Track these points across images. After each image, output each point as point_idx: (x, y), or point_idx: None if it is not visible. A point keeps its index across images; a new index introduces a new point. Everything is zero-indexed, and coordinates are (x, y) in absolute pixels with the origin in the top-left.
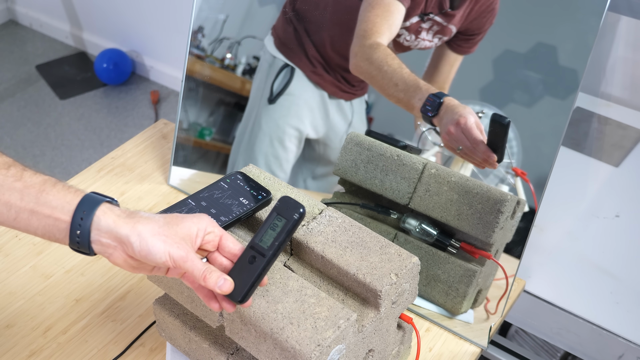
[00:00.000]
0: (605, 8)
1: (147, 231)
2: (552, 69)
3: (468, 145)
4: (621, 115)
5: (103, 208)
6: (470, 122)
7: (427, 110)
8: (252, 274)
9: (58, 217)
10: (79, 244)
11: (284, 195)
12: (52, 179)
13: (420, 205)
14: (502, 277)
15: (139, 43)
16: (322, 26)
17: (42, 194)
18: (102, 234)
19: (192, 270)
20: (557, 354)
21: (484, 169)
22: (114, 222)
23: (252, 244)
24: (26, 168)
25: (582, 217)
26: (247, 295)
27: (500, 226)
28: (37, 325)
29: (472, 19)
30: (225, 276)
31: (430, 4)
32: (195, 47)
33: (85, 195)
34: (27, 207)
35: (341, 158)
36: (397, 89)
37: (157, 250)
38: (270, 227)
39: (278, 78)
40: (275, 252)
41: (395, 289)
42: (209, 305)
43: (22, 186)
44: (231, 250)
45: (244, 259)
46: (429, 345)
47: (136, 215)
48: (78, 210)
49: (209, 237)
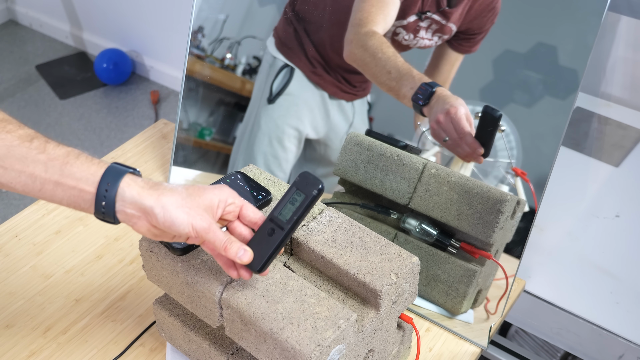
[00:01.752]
0: (605, 8)
1: (170, 203)
2: (552, 69)
3: (455, 136)
4: (621, 115)
5: (127, 180)
6: (460, 113)
7: (418, 99)
8: (270, 246)
9: (83, 189)
10: (104, 214)
11: (304, 170)
12: (75, 151)
13: (420, 205)
14: (502, 277)
15: (139, 43)
16: (322, 26)
17: (66, 166)
18: (127, 204)
19: (213, 241)
20: (557, 354)
21: (484, 170)
22: (138, 193)
23: (272, 217)
24: (49, 140)
25: (582, 217)
26: (265, 265)
27: (500, 226)
28: (37, 325)
29: (473, 18)
30: (245, 247)
31: (427, 2)
32: (195, 47)
33: (109, 167)
34: (52, 178)
35: (341, 158)
36: (389, 77)
37: (181, 222)
38: (290, 202)
39: (277, 78)
40: (293, 226)
41: (395, 289)
42: (228, 272)
43: (46, 158)
44: (251, 219)
45: (264, 231)
46: (429, 345)
47: (160, 187)
48: (102, 181)
49: (229, 207)
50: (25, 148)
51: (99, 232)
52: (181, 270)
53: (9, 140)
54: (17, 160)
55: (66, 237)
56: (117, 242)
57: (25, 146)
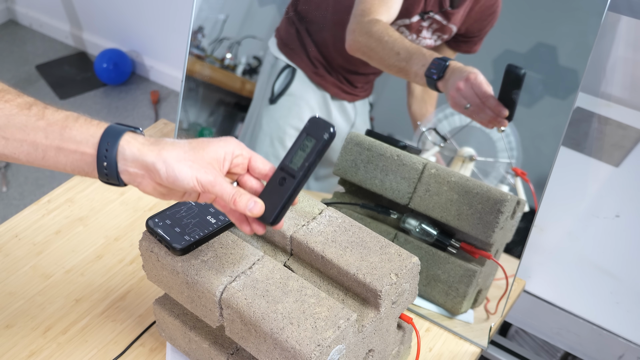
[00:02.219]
0: (605, 8)
1: (172, 157)
2: (552, 69)
3: (477, 101)
4: (621, 115)
5: (127, 137)
6: (480, 77)
7: (432, 74)
8: (282, 196)
9: (84, 151)
10: (107, 175)
11: (313, 115)
12: (74, 114)
13: (420, 205)
14: (502, 277)
15: (139, 43)
16: (324, 27)
17: (65, 130)
18: (129, 163)
19: (221, 194)
20: (557, 354)
21: (484, 170)
22: (138, 150)
23: (282, 166)
24: (47, 106)
25: (582, 217)
26: (278, 216)
27: (500, 226)
28: (37, 326)
29: (473, 20)
30: (256, 198)
31: (430, 2)
32: (195, 47)
33: (108, 127)
34: (53, 144)
35: (341, 158)
36: (398, 57)
37: (185, 176)
38: (300, 148)
39: (279, 79)
40: (306, 173)
41: (395, 289)
42: (241, 228)
43: (45, 124)
44: (261, 171)
45: (274, 181)
46: (429, 345)
47: (161, 142)
48: (102, 141)
49: (237, 160)
50: (25, 116)
51: (99, 232)
52: (181, 270)
53: (8, 109)
54: (18, 130)
55: (66, 237)
56: (117, 242)
57: (24, 114)
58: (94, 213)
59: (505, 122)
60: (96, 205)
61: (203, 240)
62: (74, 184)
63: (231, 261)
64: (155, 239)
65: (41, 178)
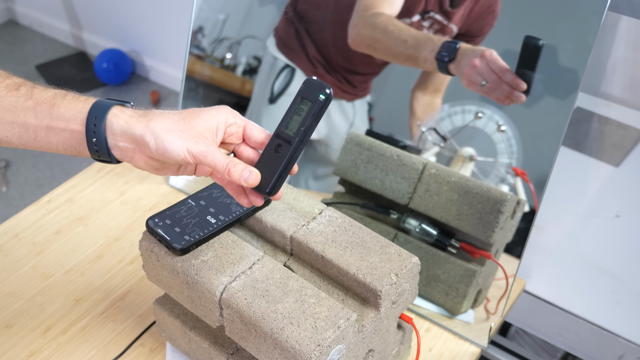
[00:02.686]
0: (605, 8)
1: (161, 128)
2: (552, 69)
3: (494, 77)
4: (621, 115)
5: (114, 111)
6: (495, 54)
7: (443, 56)
8: (278, 163)
9: (73, 129)
10: (98, 152)
11: (308, 77)
12: (62, 91)
13: (420, 205)
14: (502, 277)
15: (139, 43)
16: (324, 26)
17: (53, 108)
18: (118, 137)
19: (214, 165)
20: (557, 354)
21: (484, 170)
22: (126, 123)
23: (278, 132)
24: (36, 85)
25: (582, 217)
26: (275, 186)
27: (500, 226)
28: (37, 326)
29: (473, 20)
30: (251, 168)
31: (431, 2)
32: (195, 47)
33: (96, 102)
34: (43, 124)
35: (341, 158)
36: (406, 45)
37: (174, 147)
38: (296, 113)
39: (279, 78)
40: (302, 139)
41: (395, 289)
42: (238, 200)
43: (34, 104)
44: (257, 140)
45: (270, 149)
46: (429, 345)
47: (149, 114)
48: (90, 117)
49: (231, 129)
50: (13, 97)
51: (99, 232)
52: (181, 270)
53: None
54: (8, 111)
55: (66, 237)
56: (117, 242)
57: (12, 95)
58: (94, 213)
59: (523, 97)
60: (96, 205)
61: (203, 240)
62: (74, 184)
63: (231, 261)
64: (155, 239)
65: (41, 178)
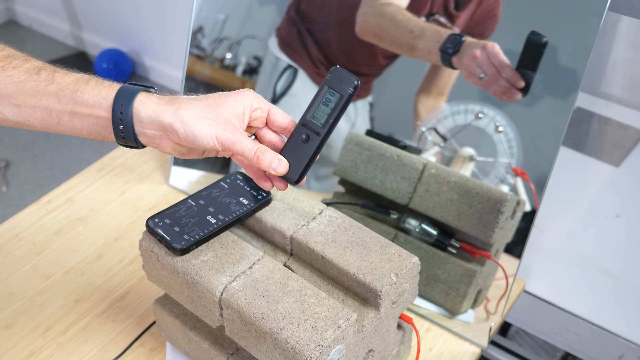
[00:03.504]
0: (605, 8)
1: (190, 116)
2: (552, 69)
3: (493, 70)
4: (621, 115)
5: (140, 98)
6: (497, 47)
7: (447, 48)
8: (307, 154)
9: (98, 115)
10: (124, 138)
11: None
12: (84, 76)
13: (420, 205)
14: (502, 277)
15: (139, 43)
16: (328, 26)
17: (77, 94)
18: (145, 125)
19: (241, 152)
20: (557, 354)
21: (484, 170)
22: (154, 111)
23: (304, 122)
24: (57, 69)
25: (582, 217)
26: (302, 175)
27: (500, 226)
28: (37, 326)
29: (475, 24)
30: (280, 156)
31: (436, 4)
32: (195, 47)
33: (121, 88)
34: (67, 109)
35: (341, 158)
36: (412, 35)
37: (204, 135)
38: (323, 103)
39: (281, 79)
40: (330, 130)
41: (395, 289)
42: (259, 184)
43: (56, 89)
44: (280, 124)
45: (297, 138)
46: (429, 345)
47: (177, 101)
48: (115, 104)
49: (256, 113)
50: (34, 82)
51: (99, 232)
52: (181, 270)
53: (17, 76)
54: (29, 96)
55: (66, 237)
56: (117, 242)
57: (33, 79)
58: (94, 213)
59: (519, 96)
60: (96, 205)
61: (203, 240)
62: (74, 184)
63: (231, 261)
64: (155, 239)
65: (41, 178)
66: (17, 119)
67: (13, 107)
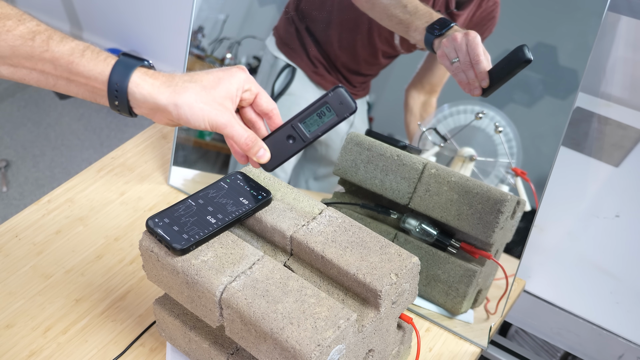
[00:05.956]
0: (605, 8)
1: (183, 101)
2: (552, 69)
3: (466, 59)
4: (621, 115)
5: (135, 79)
6: (479, 39)
7: (434, 29)
8: (288, 153)
9: (94, 86)
10: (119, 111)
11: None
12: (79, 47)
13: (420, 205)
14: (502, 277)
15: (139, 43)
16: (329, 25)
17: (72, 66)
18: (140, 103)
19: (232, 136)
20: (557, 354)
21: (484, 170)
22: (149, 93)
23: (294, 124)
24: (51, 35)
25: (582, 217)
26: (276, 167)
27: (500, 226)
28: (37, 325)
29: (473, 25)
30: (265, 147)
31: (438, 2)
32: (195, 47)
33: (116, 64)
34: (63, 75)
35: (341, 158)
36: (404, 10)
37: (197, 119)
38: (317, 114)
39: (279, 78)
40: (315, 139)
41: (395, 289)
42: (236, 158)
43: (51, 57)
44: (264, 109)
45: (283, 134)
46: (429, 345)
47: (172, 83)
48: (111, 82)
49: (245, 94)
50: (29, 47)
51: (99, 232)
52: (181, 270)
53: (11, 40)
54: (25, 59)
55: (66, 237)
56: (117, 242)
57: (28, 45)
58: (94, 213)
59: (479, 92)
60: (96, 205)
61: (203, 240)
62: (74, 184)
63: (231, 261)
64: (155, 239)
65: (41, 178)
66: (12, 76)
67: (9, 66)
